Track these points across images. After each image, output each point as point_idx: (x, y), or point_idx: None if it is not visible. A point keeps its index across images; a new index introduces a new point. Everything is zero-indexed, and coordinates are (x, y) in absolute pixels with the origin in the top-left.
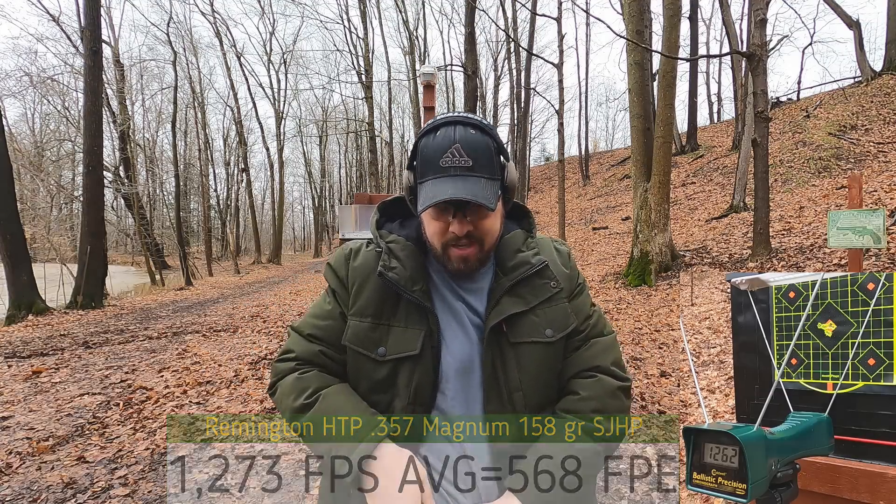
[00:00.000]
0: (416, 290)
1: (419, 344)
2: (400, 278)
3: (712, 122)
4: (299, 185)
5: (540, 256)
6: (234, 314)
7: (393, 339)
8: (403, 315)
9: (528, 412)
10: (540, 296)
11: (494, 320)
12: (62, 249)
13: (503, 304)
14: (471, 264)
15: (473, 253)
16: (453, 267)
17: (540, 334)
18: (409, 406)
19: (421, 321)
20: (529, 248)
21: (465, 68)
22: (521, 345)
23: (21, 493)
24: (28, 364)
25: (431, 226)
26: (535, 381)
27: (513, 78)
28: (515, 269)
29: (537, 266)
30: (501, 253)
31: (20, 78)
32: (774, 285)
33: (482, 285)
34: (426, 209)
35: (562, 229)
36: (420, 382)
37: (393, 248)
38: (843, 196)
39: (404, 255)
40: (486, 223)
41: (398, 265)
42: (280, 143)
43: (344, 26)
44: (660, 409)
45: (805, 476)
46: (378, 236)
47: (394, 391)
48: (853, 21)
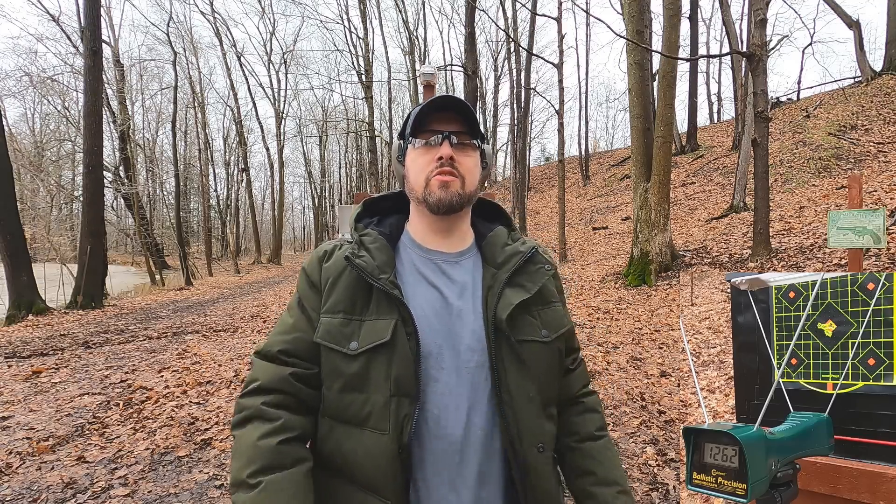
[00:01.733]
0: (384, 279)
1: (390, 332)
2: (367, 266)
3: (712, 122)
4: (299, 185)
5: (528, 244)
6: (234, 314)
7: (365, 332)
8: (374, 308)
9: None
10: (537, 281)
11: (505, 312)
12: (62, 249)
13: (507, 296)
14: (452, 193)
15: (456, 183)
16: (434, 197)
17: (538, 334)
18: (392, 399)
19: (391, 310)
20: (514, 241)
21: (465, 68)
22: (524, 343)
23: (21, 493)
24: (28, 364)
25: (417, 163)
26: (536, 381)
27: (513, 78)
28: (508, 260)
29: (528, 253)
30: (489, 249)
31: (20, 78)
32: (774, 285)
33: (470, 275)
34: (416, 126)
35: (562, 229)
36: (400, 372)
37: (364, 240)
38: (843, 196)
39: (374, 246)
40: (468, 161)
41: (366, 254)
42: (280, 143)
43: (344, 26)
44: (660, 409)
45: (805, 476)
46: (353, 228)
47: (369, 387)
48: (853, 21)
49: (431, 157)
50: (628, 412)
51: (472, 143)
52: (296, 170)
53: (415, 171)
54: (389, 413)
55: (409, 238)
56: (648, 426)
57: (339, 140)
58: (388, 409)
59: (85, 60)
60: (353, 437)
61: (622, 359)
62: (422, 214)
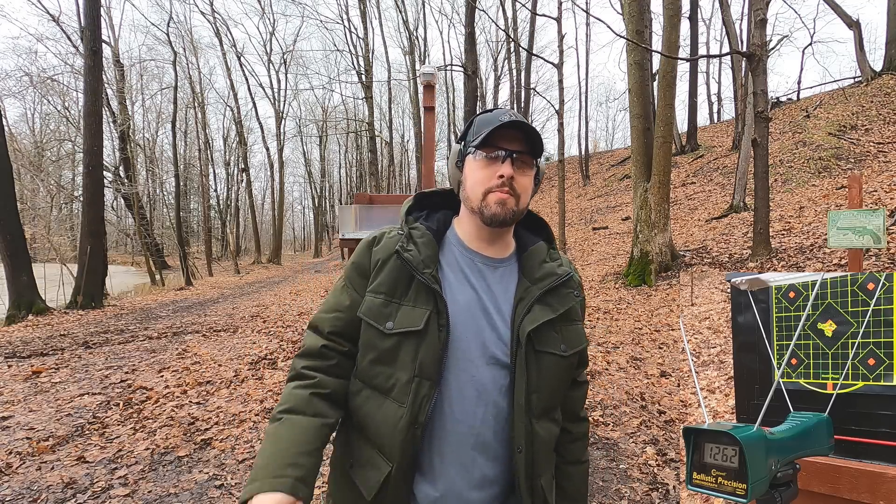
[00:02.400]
0: (427, 273)
1: (423, 321)
2: (413, 259)
3: (712, 122)
4: (299, 185)
5: (564, 268)
6: (234, 314)
7: (401, 316)
8: (413, 296)
9: (536, 413)
10: (565, 304)
11: (530, 326)
12: (62, 249)
13: (535, 312)
14: (507, 209)
15: (512, 202)
16: (490, 211)
17: (557, 347)
18: (413, 378)
19: (428, 301)
20: (553, 260)
21: (465, 68)
22: (543, 354)
23: (21, 493)
24: (28, 364)
25: (476, 174)
26: (548, 387)
27: (513, 78)
28: (543, 279)
29: (564, 277)
30: (528, 262)
31: (20, 78)
32: (774, 285)
33: (505, 284)
34: (483, 141)
35: (562, 229)
36: (425, 358)
37: (413, 234)
38: (843, 196)
39: (422, 241)
40: (525, 181)
41: (414, 249)
42: (280, 143)
43: (344, 26)
44: (660, 409)
45: (805, 476)
46: (404, 220)
47: (396, 365)
48: (853, 21)
49: (492, 172)
50: (628, 412)
51: (531, 162)
52: (296, 170)
53: (473, 181)
54: (410, 390)
55: (456, 236)
56: (648, 426)
57: (339, 140)
58: (410, 386)
59: (85, 60)
60: (375, 401)
61: (622, 359)
62: (472, 220)
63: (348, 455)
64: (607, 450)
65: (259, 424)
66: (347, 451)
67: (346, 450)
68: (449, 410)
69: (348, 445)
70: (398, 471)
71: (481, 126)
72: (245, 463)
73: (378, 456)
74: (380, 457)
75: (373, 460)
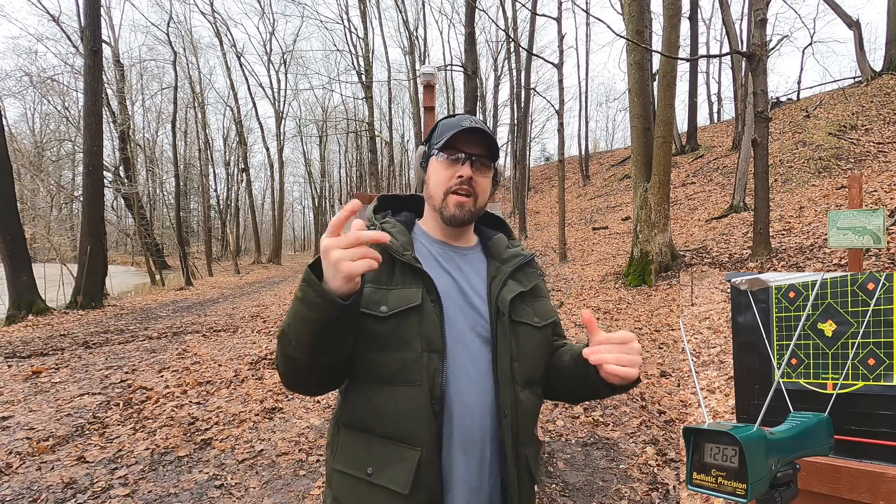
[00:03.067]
0: (408, 255)
1: (420, 297)
2: (393, 245)
3: (712, 122)
4: (299, 185)
5: (526, 251)
6: (234, 314)
7: (393, 298)
8: (400, 279)
9: (520, 382)
10: (532, 281)
11: (509, 296)
12: (62, 249)
13: (510, 285)
14: (464, 212)
15: (470, 203)
16: (449, 212)
17: (531, 319)
18: (423, 354)
19: (416, 281)
20: (514, 246)
21: (465, 68)
22: (519, 324)
23: (21, 493)
24: (28, 364)
25: (439, 174)
26: (528, 357)
27: (513, 78)
28: (510, 259)
29: (528, 257)
30: (494, 248)
31: (20, 78)
32: (774, 285)
33: (475, 267)
34: (445, 144)
35: (562, 229)
36: (429, 332)
37: (385, 226)
38: (843, 196)
39: (395, 230)
40: (483, 181)
41: (390, 237)
42: (280, 143)
43: (344, 26)
44: (660, 409)
45: (805, 476)
46: (373, 218)
47: (400, 346)
48: (853, 21)
49: (453, 172)
50: (628, 412)
51: (489, 164)
52: (296, 170)
53: (435, 181)
54: (422, 366)
55: (422, 231)
56: (648, 426)
57: (339, 140)
58: (421, 362)
59: (85, 60)
60: (382, 392)
61: None
62: (436, 217)
63: (363, 466)
64: (607, 450)
65: (259, 424)
66: (359, 462)
67: (357, 461)
68: (455, 384)
69: (357, 455)
70: (428, 453)
71: (445, 130)
72: (245, 463)
73: (401, 448)
74: (404, 447)
75: (397, 454)
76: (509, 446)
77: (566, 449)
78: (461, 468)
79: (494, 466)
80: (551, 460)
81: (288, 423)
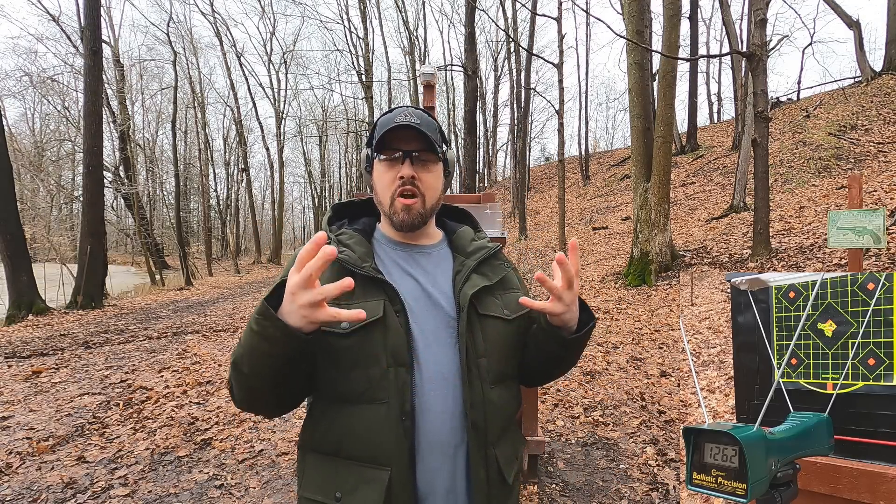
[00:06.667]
0: (367, 266)
1: (381, 309)
2: (350, 258)
3: (712, 122)
4: (299, 185)
5: (492, 244)
6: (234, 314)
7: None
8: (360, 293)
9: (489, 379)
10: (498, 273)
11: (471, 291)
12: (62, 249)
13: (473, 279)
14: (413, 214)
15: (417, 204)
16: (399, 218)
17: (500, 312)
18: (389, 369)
19: (378, 292)
20: (480, 239)
21: (465, 68)
22: (487, 318)
23: (21, 493)
24: (28, 364)
25: (382, 178)
26: (497, 352)
27: (513, 78)
28: (475, 252)
29: (493, 249)
30: (459, 242)
31: (20, 78)
32: (774, 285)
33: (440, 265)
34: (381, 144)
35: (562, 229)
36: (394, 346)
37: (342, 238)
38: (843, 196)
39: (352, 241)
40: (429, 177)
41: (347, 249)
42: (280, 143)
43: (344, 26)
44: (660, 409)
45: (805, 476)
46: (328, 230)
47: (363, 363)
48: (853, 21)
49: (394, 174)
50: (628, 412)
51: (432, 157)
52: (296, 170)
53: (381, 187)
54: (389, 382)
55: (383, 235)
56: (648, 426)
57: (339, 140)
58: (388, 378)
59: (85, 60)
60: (347, 412)
61: (622, 359)
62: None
63: (330, 491)
64: (607, 450)
65: (259, 424)
66: (328, 487)
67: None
68: (425, 394)
69: (324, 480)
70: (398, 471)
71: (379, 128)
72: (245, 463)
73: (368, 469)
74: (371, 468)
75: (365, 475)
76: (475, 447)
77: (566, 449)
78: (437, 479)
79: (469, 469)
80: (551, 460)
81: (288, 423)
